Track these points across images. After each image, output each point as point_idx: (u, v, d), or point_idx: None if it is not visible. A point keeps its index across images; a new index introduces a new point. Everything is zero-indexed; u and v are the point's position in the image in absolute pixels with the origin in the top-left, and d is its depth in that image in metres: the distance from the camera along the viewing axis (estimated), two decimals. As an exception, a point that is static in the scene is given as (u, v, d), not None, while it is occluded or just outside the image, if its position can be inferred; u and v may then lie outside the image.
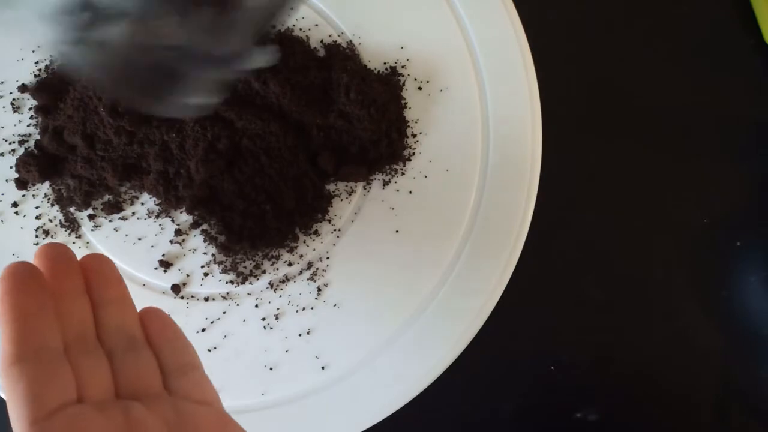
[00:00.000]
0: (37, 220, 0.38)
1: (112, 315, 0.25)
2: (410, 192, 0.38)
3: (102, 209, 0.38)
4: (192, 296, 0.37)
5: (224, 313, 0.37)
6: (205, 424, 0.23)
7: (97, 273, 0.26)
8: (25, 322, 0.22)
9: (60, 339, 0.23)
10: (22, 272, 0.23)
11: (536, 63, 0.38)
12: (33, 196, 0.38)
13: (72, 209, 0.38)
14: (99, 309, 0.25)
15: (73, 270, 0.26)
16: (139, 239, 0.38)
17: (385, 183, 0.38)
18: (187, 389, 0.25)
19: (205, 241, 0.37)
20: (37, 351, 0.22)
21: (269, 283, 0.38)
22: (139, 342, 0.25)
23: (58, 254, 0.25)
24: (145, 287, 0.37)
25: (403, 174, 0.38)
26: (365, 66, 0.38)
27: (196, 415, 0.23)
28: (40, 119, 0.38)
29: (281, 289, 0.38)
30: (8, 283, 0.22)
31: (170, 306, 0.37)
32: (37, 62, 0.38)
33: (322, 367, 0.37)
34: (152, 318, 0.27)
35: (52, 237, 0.38)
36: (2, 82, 0.38)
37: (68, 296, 0.25)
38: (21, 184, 0.37)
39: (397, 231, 0.38)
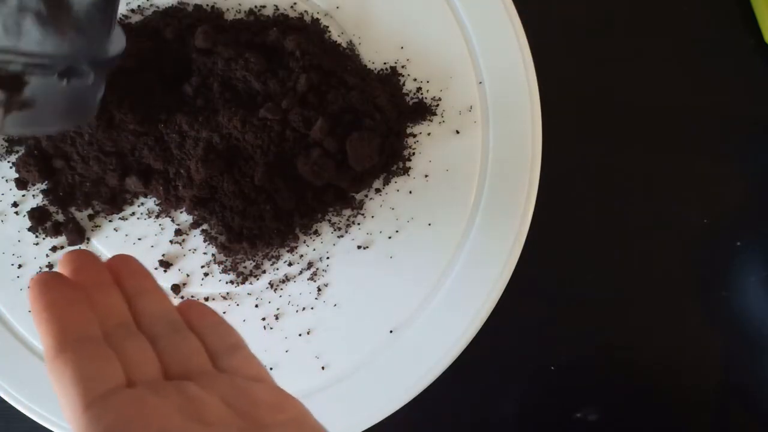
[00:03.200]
0: (37, 220, 0.38)
1: (148, 303, 0.25)
2: (410, 192, 0.38)
3: (102, 209, 0.38)
4: (192, 296, 0.37)
5: (224, 313, 0.37)
6: (262, 397, 0.22)
7: (125, 268, 0.26)
8: (61, 316, 0.22)
9: (98, 329, 0.22)
10: (48, 277, 0.23)
11: (536, 63, 0.38)
12: (33, 196, 0.38)
13: (72, 209, 0.38)
14: (134, 300, 0.25)
15: (99, 266, 0.25)
16: (139, 239, 0.38)
17: (385, 183, 0.38)
18: (237, 367, 0.24)
19: (205, 241, 0.37)
20: (77, 340, 0.21)
21: (269, 283, 0.38)
22: (181, 326, 0.25)
23: (79, 255, 0.25)
24: (145, 287, 0.37)
25: (403, 174, 0.38)
26: (365, 66, 0.38)
27: (253, 390, 0.23)
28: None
29: (281, 289, 0.38)
30: (37, 288, 0.23)
31: (170, 306, 0.37)
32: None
33: (322, 367, 0.37)
34: (190, 307, 0.26)
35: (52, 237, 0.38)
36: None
37: (98, 289, 0.24)
38: (21, 184, 0.37)
39: (397, 231, 0.38)
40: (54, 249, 0.37)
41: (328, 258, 0.38)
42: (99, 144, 0.36)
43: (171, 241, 0.38)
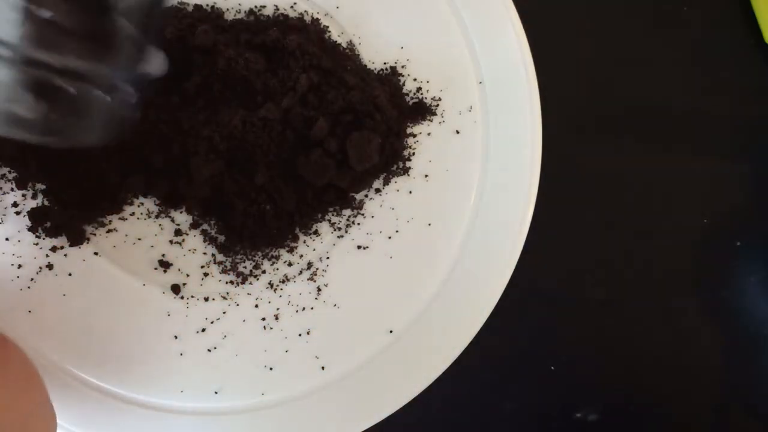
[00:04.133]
0: (36, 220, 0.38)
1: None
2: (410, 192, 0.38)
3: (102, 209, 0.38)
4: (191, 296, 0.37)
5: (224, 313, 0.37)
6: None
7: None
8: None
9: None
10: None
11: (536, 63, 0.38)
12: (33, 196, 0.38)
13: (72, 209, 0.38)
14: None
15: None
16: (139, 239, 0.38)
17: (385, 183, 0.38)
18: None
19: (205, 241, 0.37)
20: None
21: (269, 283, 0.38)
22: None
23: None
24: (144, 287, 0.37)
25: (403, 174, 0.38)
26: (365, 66, 0.38)
27: None
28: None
29: (281, 289, 0.38)
30: None
31: (170, 306, 0.37)
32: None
33: (322, 367, 0.37)
34: None
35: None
36: (2, 82, 0.38)
37: None
38: (21, 184, 0.37)
39: (397, 231, 0.38)
40: (54, 249, 0.37)
41: (327, 258, 0.38)
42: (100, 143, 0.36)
43: (170, 242, 0.38)
